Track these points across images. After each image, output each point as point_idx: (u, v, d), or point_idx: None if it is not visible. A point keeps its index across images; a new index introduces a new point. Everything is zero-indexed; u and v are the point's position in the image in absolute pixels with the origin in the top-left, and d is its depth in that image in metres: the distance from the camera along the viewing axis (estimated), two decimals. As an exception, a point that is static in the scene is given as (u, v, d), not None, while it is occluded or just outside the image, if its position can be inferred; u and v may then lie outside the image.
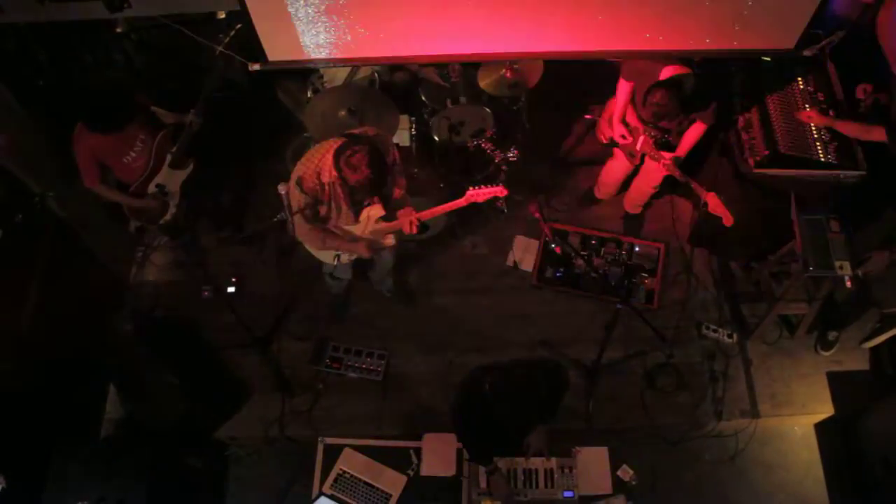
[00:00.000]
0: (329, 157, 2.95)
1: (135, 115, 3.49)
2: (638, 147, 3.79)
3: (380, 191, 3.09)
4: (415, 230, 3.23)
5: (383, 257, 3.83)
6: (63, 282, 3.78)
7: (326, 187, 3.06)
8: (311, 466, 3.62)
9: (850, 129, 3.48)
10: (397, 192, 3.31)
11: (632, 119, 3.80)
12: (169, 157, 3.70)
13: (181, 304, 4.25)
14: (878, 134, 3.31)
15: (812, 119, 3.61)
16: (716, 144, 4.00)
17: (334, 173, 2.96)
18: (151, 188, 3.74)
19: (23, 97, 3.80)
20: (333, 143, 2.97)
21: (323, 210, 3.20)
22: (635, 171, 4.15)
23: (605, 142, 4.05)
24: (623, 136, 3.82)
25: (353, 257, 3.52)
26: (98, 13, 3.03)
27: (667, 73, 3.42)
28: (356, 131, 3.08)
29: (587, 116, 4.21)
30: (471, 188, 3.10)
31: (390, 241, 3.52)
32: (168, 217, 3.87)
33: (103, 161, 3.56)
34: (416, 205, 3.35)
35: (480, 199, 3.13)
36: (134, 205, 3.76)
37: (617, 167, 4.17)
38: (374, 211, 3.26)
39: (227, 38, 3.49)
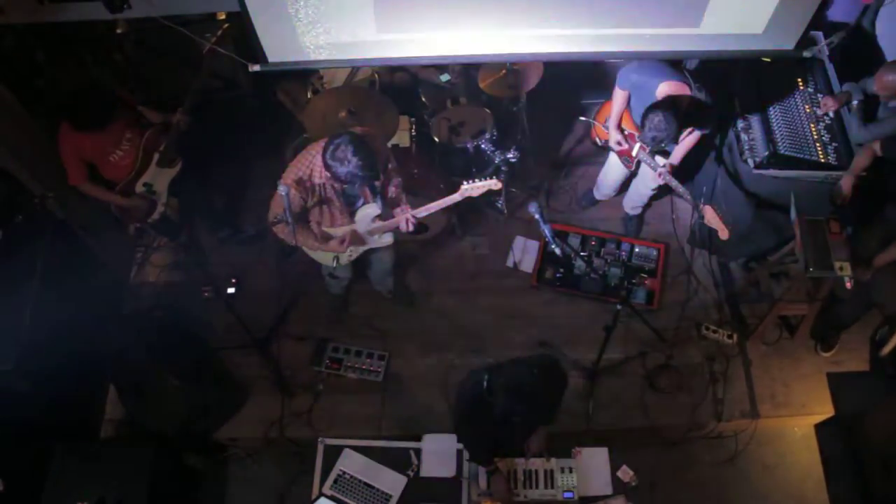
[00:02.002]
0: (319, 159, 2.97)
1: (116, 112, 3.48)
2: (633, 154, 3.80)
3: (372, 180, 3.08)
4: (411, 228, 3.23)
5: (381, 257, 3.83)
6: (63, 282, 3.77)
7: (318, 188, 3.06)
8: (310, 467, 3.61)
9: (861, 162, 3.39)
10: (393, 191, 3.31)
11: (627, 126, 3.80)
12: (157, 156, 3.70)
13: (181, 305, 4.25)
14: (878, 147, 3.32)
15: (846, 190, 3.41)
16: (716, 146, 4.00)
17: (326, 173, 2.97)
18: (139, 187, 3.74)
19: (23, 97, 3.80)
20: (321, 144, 2.98)
21: (315, 212, 3.20)
22: (634, 173, 4.15)
23: (599, 144, 4.06)
24: (618, 144, 3.83)
25: (353, 258, 3.52)
26: (98, 14, 3.03)
27: (663, 90, 3.42)
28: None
29: (582, 119, 4.21)
30: (465, 182, 3.10)
31: (388, 240, 3.52)
32: (156, 216, 3.87)
33: (90, 159, 3.57)
34: (414, 204, 3.35)
35: (475, 194, 3.12)
36: (121, 203, 3.76)
37: (615, 170, 4.17)
38: (370, 210, 3.26)
39: (214, 38, 3.50)
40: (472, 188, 3.09)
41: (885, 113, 3.41)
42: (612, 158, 4.09)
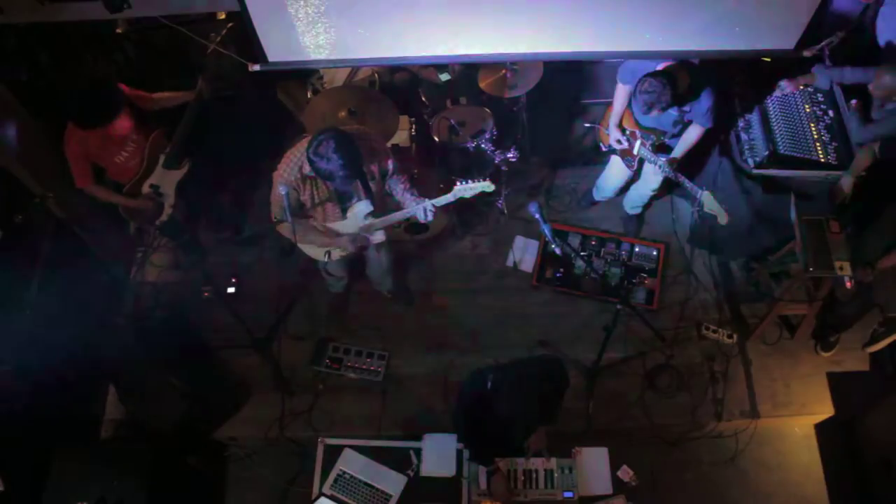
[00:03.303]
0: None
1: (121, 108, 3.47)
2: (635, 151, 3.79)
3: (353, 178, 3.07)
4: (430, 217, 3.20)
5: (377, 256, 3.82)
6: (63, 282, 3.78)
7: (309, 182, 3.07)
8: (311, 467, 3.62)
9: (861, 162, 3.42)
10: (401, 191, 3.29)
11: (628, 124, 3.80)
12: (162, 158, 3.70)
13: (181, 305, 4.25)
14: (877, 148, 3.33)
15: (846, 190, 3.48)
16: (716, 145, 4.00)
17: None
18: (146, 189, 3.74)
19: (23, 97, 3.80)
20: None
21: (308, 208, 3.20)
22: (636, 176, 4.14)
23: (605, 149, 4.05)
24: (619, 142, 3.82)
25: (344, 253, 3.52)
26: (98, 14, 3.03)
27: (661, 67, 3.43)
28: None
29: (587, 125, 4.21)
30: (458, 183, 3.10)
31: (380, 237, 3.51)
32: (164, 218, 3.87)
33: (96, 161, 3.56)
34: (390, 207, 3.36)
35: (468, 195, 3.12)
36: (128, 205, 3.76)
37: (615, 173, 4.16)
38: (362, 207, 3.26)
39: (219, 38, 3.49)
40: (465, 189, 3.09)
41: (880, 114, 3.41)
42: (614, 160, 4.08)
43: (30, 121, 3.85)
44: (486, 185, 3.09)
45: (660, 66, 3.42)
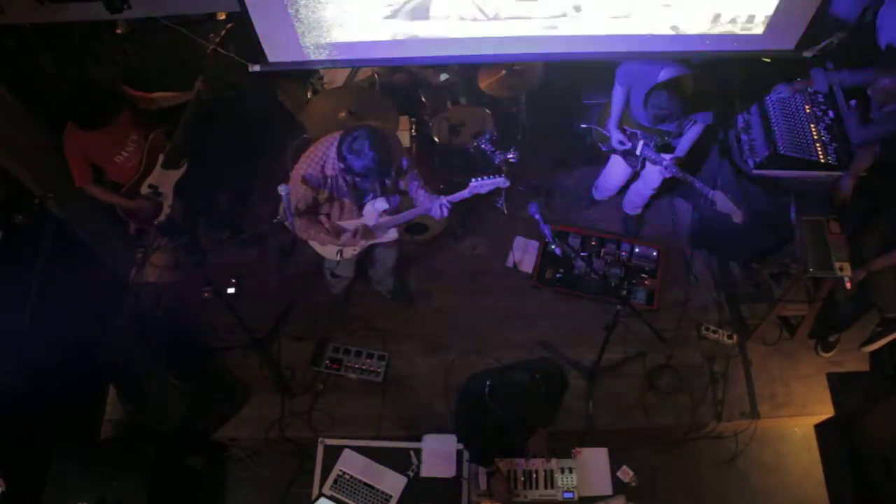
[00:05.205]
0: (332, 150, 2.97)
1: (121, 111, 3.47)
2: (637, 152, 3.79)
3: (387, 175, 3.09)
4: (445, 213, 3.21)
5: (385, 255, 3.82)
6: (63, 282, 3.78)
7: (329, 181, 3.07)
8: (310, 467, 3.62)
9: (861, 162, 3.44)
10: (414, 188, 3.30)
11: (629, 124, 3.79)
12: (161, 158, 3.71)
13: (181, 305, 4.26)
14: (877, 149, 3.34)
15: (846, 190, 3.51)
16: (716, 145, 4.00)
17: (339, 165, 2.97)
18: (144, 189, 3.74)
19: (23, 97, 3.80)
20: (334, 137, 2.99)
21: (325, 206, 3.21)
22: (635, 175, 4.14)
23: (604, 149, 4.05)
24: (621, 143, 3.81)
25: (356, 252, 3.52)
26: (98, 14, 3.04)
27: (665, 74, 3.42)
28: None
29: (584, 126, 4.20)
30: (473, 180, 3.11)
31: (393, 235, 3.51)
32: (162, 218, 3.87)
33: (95, 161, 3.56)
34: (404, 205, 3.36)
35: (483, 191, 3.14)
36: (127, 206, 3.75)
37: (616, 172, 4.16)
38: (378, 204, 3.27)
39: (219, 38, 3.48)
40: (481, 185, 3.10)
41: (879, 115, 3.41)
42: (615, 159, 4.08)
43: (30, 121, 3.85)
44: (502, 181, 3.10)
45: (662, 75, 3.41)
